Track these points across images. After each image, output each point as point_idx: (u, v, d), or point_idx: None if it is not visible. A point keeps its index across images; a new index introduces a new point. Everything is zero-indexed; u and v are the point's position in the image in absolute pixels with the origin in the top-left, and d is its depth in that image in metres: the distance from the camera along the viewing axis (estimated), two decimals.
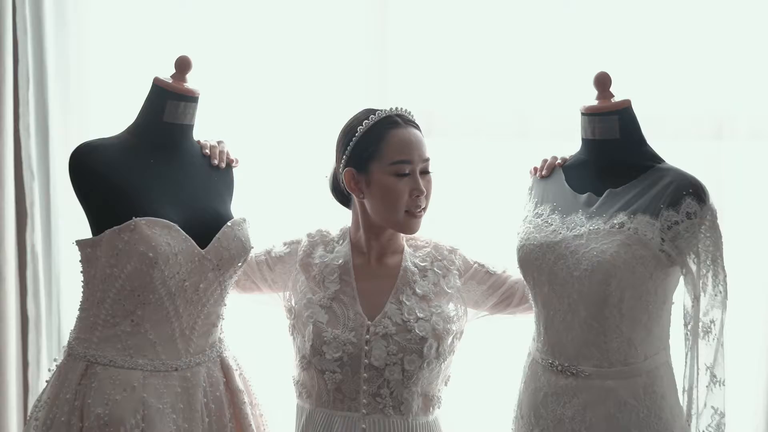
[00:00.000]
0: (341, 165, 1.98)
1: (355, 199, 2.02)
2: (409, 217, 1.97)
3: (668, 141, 2.45)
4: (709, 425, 1.82)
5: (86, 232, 2.07)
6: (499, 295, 2.08)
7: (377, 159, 1.97)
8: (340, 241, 2.08)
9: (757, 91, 2.47)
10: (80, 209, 2.42)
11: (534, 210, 1.99)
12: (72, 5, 2.57)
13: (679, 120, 2.54)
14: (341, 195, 2.05)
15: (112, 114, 2.54)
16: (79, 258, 1.85)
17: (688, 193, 1.78)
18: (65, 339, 2.59)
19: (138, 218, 1.80)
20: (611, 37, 2.49)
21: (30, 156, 2.55)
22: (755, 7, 2.46)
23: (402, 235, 2.06)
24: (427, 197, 1.99)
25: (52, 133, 2.57)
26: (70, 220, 2.59)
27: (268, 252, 2.12)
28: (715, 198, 2.44)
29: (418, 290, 2.00)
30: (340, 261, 2.03)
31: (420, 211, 1.98)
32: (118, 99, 2.57)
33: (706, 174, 2.42)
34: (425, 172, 1.97)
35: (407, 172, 1.94)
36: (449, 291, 2.03)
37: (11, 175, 2.52)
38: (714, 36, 2.49)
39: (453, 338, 1.99)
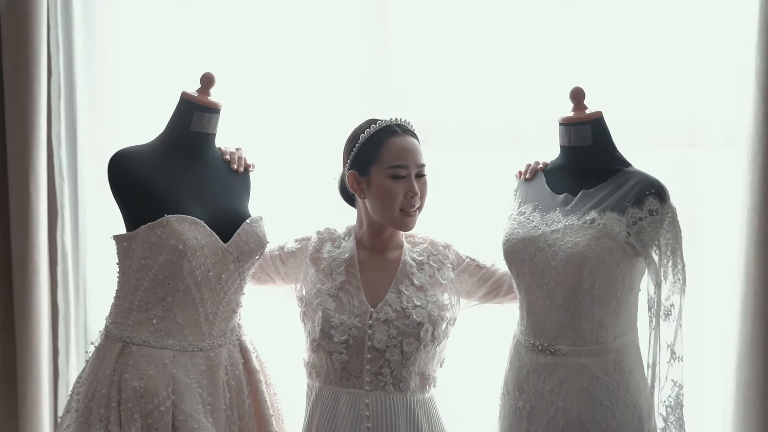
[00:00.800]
0: (346, 168, 2.13)
1: (358, 199, 2.15)
2: (403, 215, 2.10)
3: (646, 149, 2.60)
4: (669, 396, 1.95)
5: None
6: (488, 286, 2.21)
7: (376, 163, 2.09)
8: (346, 238, 2.21)
9: (728, 102, 2.57)
10: (106, 209, 2.56)
11: (518, 209, 2.13)
12: (99, 26, 2.67)
13: (655, 129, 2.65)
14: (348, 195, 2.18)
15: (134, 123, 2.67)
16: (116, 251, 2.00)
17: (651, 193, 1.93)
18: (91, 329, 2.73)
19: (169, 215, 1.94)
20: (593, 55, 2.59)
21: (61, 161, 2.65)
22: (726, 27, 2.56)
23: (401, 232, 2.17)
24: (422, 198, 2.12)
25: (80, 140, 2.69)
26: (97, 220, 2.70)
27: (281, 248, 2.24)
28: (688, 201, 2.59)
29: (415, 281, 2.14)
30: (346, 255, 2.17)
31: (414, 210, 2.10)
32: (139, 109, 2.67)
33: (681, 180, 2.63)
34: (420, 176, 2.10)
35: (403, 175, 2.07)
36: (443, 282, 2.17)
37: (44, 178, 2.61)
38: (689, 51, 2.59)
39: (447, 324, 2.13)
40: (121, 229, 2.10)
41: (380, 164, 2.09)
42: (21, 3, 2.52)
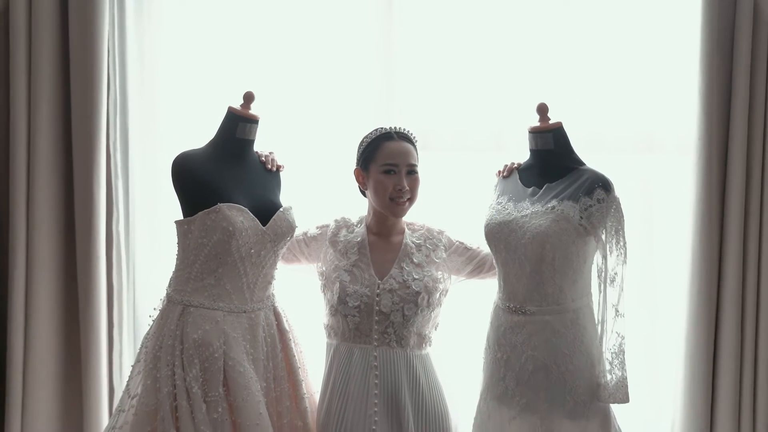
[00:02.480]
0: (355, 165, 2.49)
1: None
2: (393, 204, 2.40)
3: (610, 154, 2.86)
4: (614, 344, 2.27)
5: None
6: (473, 264, 2.53)
7: (374, 162, 2.41)
8: (359, 225, 2.54)
9: (680, 116, 2.82)
10: (152, 203, 2.88)
11: (497, 199, 2.46)
12: (148, 53, 2.93)
13: (618, 137, 2.90)
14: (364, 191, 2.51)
15: (174, 133, 2.93)
16: (176, 233, 2.33)
17: (599, 185, 2.25)
18: (139, 304, 3.00)
19: (221, 204, 2.27)
20: (565, 77, 2.85)
21: (116, 164, 2.90)
22: (677, 54, 2.83)
23: (403, 220, 2.50)
24: (412, 191, 2.40)
25: (131, 146, 2.94)
26: (145, 212, 2.97)
27: (305, 233, 2.56)
28: (646, 200, 2.87)
29: (414, 260, 2.46)
30: (359, 239, 2.49)
31: (403, 201, 2.39)
32: (178, 122, 2.94)
33: (640, 181, 2.88)
34: (411, 173, 2.40)
35: (394, 171, 2.39)
36: (437, 261, 2.49)
37: (104, 178, 2.85)
38: (647, 72, 2.85)
39: (440, 294, 2.46)
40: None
41: (376, 162, 2.41)
42: (86, 34, 2.80)
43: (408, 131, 2.48)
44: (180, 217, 2.39)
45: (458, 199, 2.91)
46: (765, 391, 2.79)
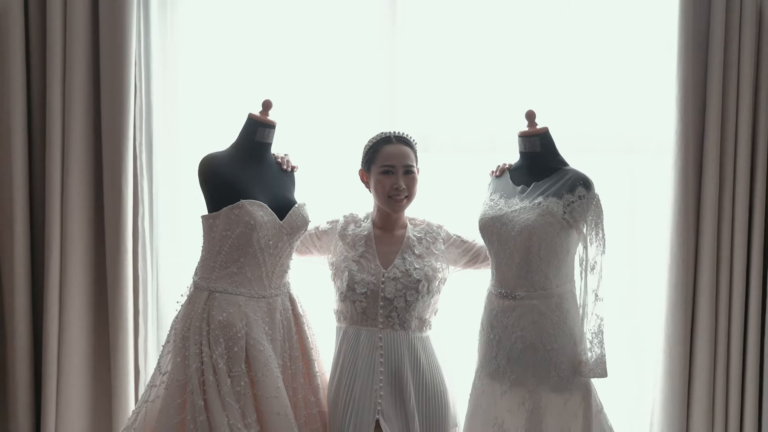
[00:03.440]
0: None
1: None
2: (391, 201, 2.56)
3: (596, 154, 3.04)
4: (594, 326, 2.44)
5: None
6: (469, 255, 2.71)
7: (374, 163, 2.58)
8: (365, 220, 2.71)
9: (661, 120, 2.99)
10: (174, 200, 3.08)
11: (489, 196, 2.63)
12: (171, 62, 3.12)
13: (605, 139, 3.09)
14: None
15: (195, 134, 3.12)
16: (202, 226, 2.51)
17: (580, 183, 2.41)
18: (162, 293, 3.17)
19: (244, 200, 2.44)
20: (555, 84, 3.02)
21: (142, 164, 3.07)
22: (658, 65, 3.00)
23: (405, 215, 2.67)
24: (409, 189, 2.56)
25: (155, 148, 3.12)
26: (167, 209, 3.16)
27: (317, 228, 2.74)
28: (630, 196, 3.07)
29: (415, 251, 2.63)
30: (365, 232, 2.66)
31: (400, 198, 2.54)
32: (196, 129, 3.13)
33: (624, 179, 3.06)
34: (408, 173, 2.56)
35: (391, 171, 2.55)
36: (436, 252, 2.66)
37: (130, 177, 3.03)
38: (631, 82, 3.03)
39: (438, 282, 2.63)
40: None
41: (377, 163, 2.57)
42: (114, 46, 3.00)
43: (407, 135, 2.63)
44: (203, 212, 2.58)
45: (456, 196, 3.08)
46: (737, 370, 3.00)
